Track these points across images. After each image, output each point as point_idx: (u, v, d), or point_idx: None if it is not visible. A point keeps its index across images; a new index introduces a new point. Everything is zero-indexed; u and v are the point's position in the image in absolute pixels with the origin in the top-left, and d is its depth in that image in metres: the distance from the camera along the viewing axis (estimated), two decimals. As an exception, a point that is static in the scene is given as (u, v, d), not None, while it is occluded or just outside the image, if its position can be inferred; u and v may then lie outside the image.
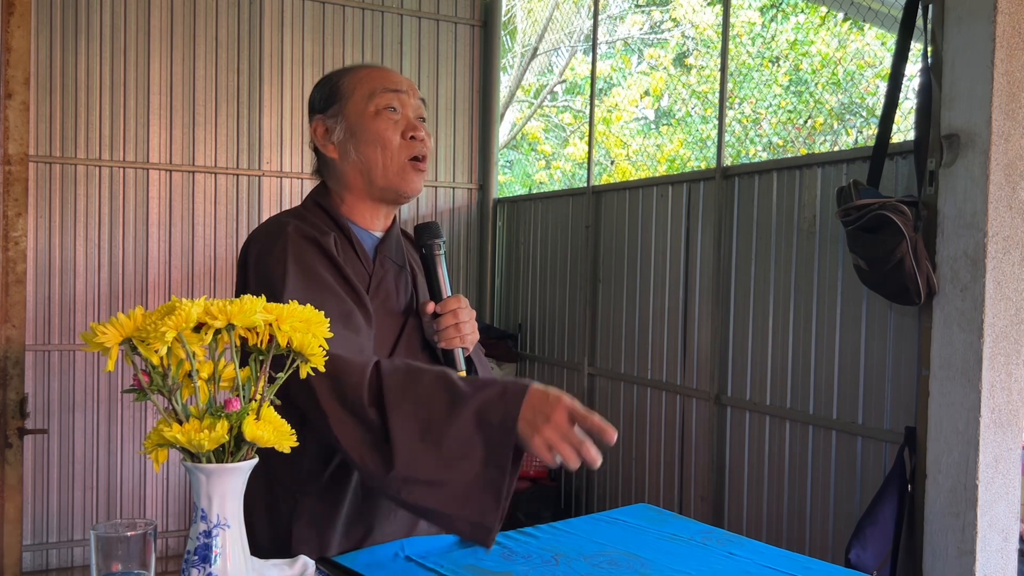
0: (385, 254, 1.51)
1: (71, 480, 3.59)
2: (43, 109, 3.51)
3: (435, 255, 1.49)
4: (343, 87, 1.50)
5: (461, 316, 1.46)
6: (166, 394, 0.95)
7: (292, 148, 4.00)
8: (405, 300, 1.51)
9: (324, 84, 1.55)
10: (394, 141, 1.46)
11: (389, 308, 1.48)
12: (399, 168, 1.47)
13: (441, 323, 1.45)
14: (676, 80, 10.11)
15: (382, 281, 1.48)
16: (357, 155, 1.48)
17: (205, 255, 3.81)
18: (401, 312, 1.50)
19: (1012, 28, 2.27)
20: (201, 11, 3.79)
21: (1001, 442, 2.33)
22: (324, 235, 1.42)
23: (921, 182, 2.44)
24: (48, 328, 3.54)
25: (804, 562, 1.38)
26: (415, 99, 1.51)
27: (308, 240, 1.40)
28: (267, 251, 1.40)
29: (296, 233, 1.40)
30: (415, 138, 1.47)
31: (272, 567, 1.22)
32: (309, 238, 1.40)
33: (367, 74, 1.51)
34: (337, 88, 1.51)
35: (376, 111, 1.47)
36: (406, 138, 1.47)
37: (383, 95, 1.47)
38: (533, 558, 1.34)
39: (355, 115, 1.48)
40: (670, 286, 3.57)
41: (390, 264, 1.51)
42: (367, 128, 1.47)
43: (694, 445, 3.45)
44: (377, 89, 1.48)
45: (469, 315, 1.48)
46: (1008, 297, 2.31)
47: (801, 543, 2.94)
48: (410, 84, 1.52)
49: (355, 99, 1.48)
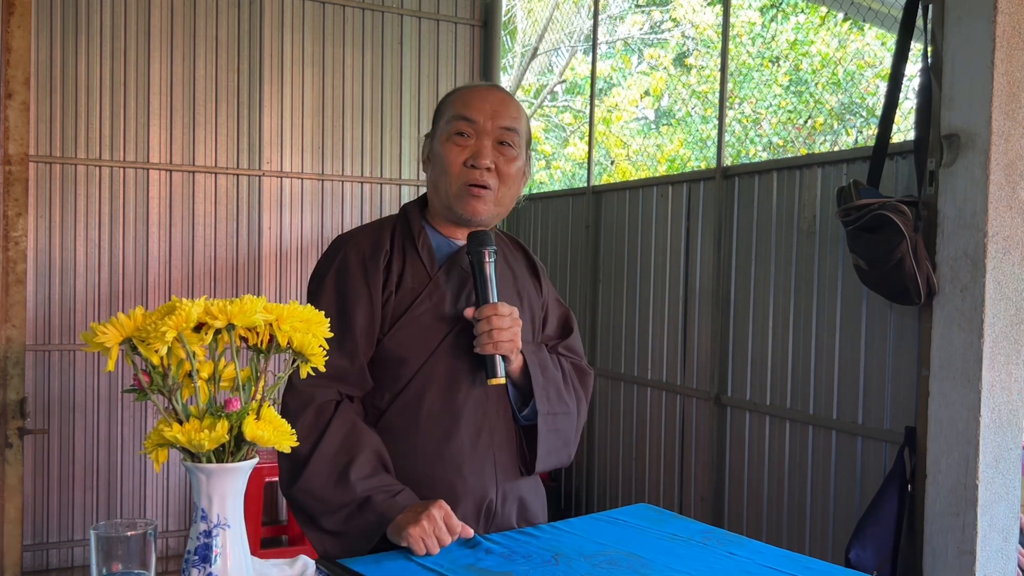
0: (455, 262, 1.60)
1: (71, 480, 3.59)
2: (43, 109, 3.50)
3: (483, 263, 1.54)
4: (441, 109, 1.63)
5: (495, 323, 1.50)
6: (166, 394, 0.95)
7: (292, 148, 4.00)
8: (463, 306, 1.57)
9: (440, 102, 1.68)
10: (455, 166, 1.56)
11: (442, 311, 1.56)
12: (457, 192, 1.56)
13: (477, 329, 1.51)
14: (676, 80, 10.11)
15: (441, 286, 1.57)
16: (432, 175, 1.62)
17: (205, 255, 3.81)
18: (454, 317, 1.57)
19: (1012, 28, 2.27)
20: (201, 11, 3.79)
21: (1001, 442, 2.33)
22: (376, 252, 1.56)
23: (921, 182, 2.44)
24: (48, 328, 3.54)
25: (804, 562, 1.38)
26: (496, 124, 1.56)
27: (359, 261, 1.56)
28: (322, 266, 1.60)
29: (354, 251, 1.57)
30: (475, 166, 1.55)
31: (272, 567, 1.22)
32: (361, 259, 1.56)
33: (457, 98, 1.61)
34: (439, 109, 1.64)
35: (447, 137, 1.57)
36: (467, 165, 1.55)
37: (456, 122, 1.57)
38: (533, 558, 1.34)
39: (437, 138, 1.60)
40: (670, 286, 3.57)
41: (458, 272, 1.60)
42: (439, 152, 1.59)
43: (694, 445, 3.45)
44: (454, 115, 1.57)
45: (509, 323, 1.52)
46: (1008, 297, 2.31)
47: (801, 543, 2.94)
48: (494, 109, 1.57)
49: (441, 123, 1.61)
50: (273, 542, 3.90)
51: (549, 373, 1.63)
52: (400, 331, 1.54)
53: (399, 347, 1.54)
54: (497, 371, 1.50)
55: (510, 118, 1.58)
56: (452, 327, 1.56)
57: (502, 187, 1.59)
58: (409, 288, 1.55)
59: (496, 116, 1.57)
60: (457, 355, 1.55)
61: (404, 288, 1.55)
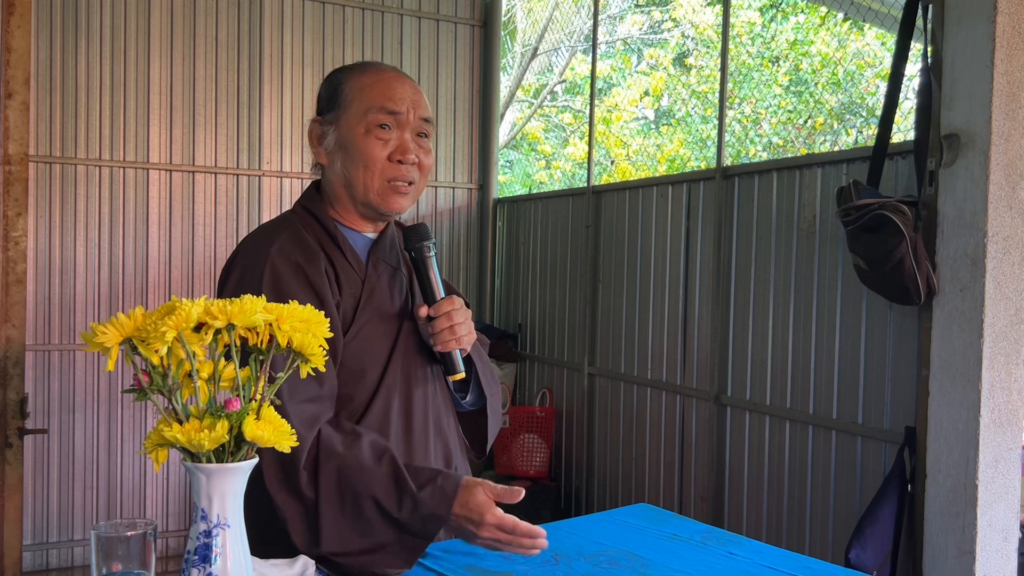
0: (378, 256, 1.50)
1: (71, 480, 3.59)
2: (43, 109, 3.51)
3: (425, 257, 1.46)
4: (344, 94, 1.47)
5: (455, 318, 1.44)
6: (166, 394, 0.95)
7: (292, 148, 4.00)
8: (400, 302, 1.51)
9: (329, 82, 1.52)
10: (379, 161, 1.44)
11: (384, 312, 1.47)
12: (380, 188, 1.45)
13: (435, 326, 1.44)
14: (676, 80, 10.11)
15: (376, 285, 1.48)
16: (342, 168, 1.47)
17: (205, 255, 3.81)
18: (396, 315, 1.49)
19: (1012, 28, 2.27)
20: (201, 11, 3.79)
21: (1001, 442, 2.33)
22: (310, 258, 1.41)
23: (921, 182, 2.44)
24: (48, 328, 3.54)
25: (804, 562, 1.38)
26: (417, 116, 1.47)
27: (291, 265, 1.39)
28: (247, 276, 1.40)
29: (279, 256, 1.39)
30: (402, 161, 1.45)
31: (272, 567, 1.22)
32: (292, 263, 1.39)
33: (369, 86, 1.46)
34: (338, 92, 1.48)
35: (367, 130, 1.44)
36: (393, 160, 1.45)
37: (377, 114, 1.44)
38: (533, 558, 1.34)
39: (347, 128, 1.46)
40: (670, 286, 3.57)
41: (384, 267, 1.50)
42: (355, 145, 1.45)
43: (694, 445, 3.45)
44: (373, 107, 1.44)
45: (464, 316, 1.47)
46: (1008, 297, 2.31)
47: (801, 543, 2.94)
48: (414, 100, 1.47)
49: (351, 112, 1.46)
50: (273, 542, 3.90)
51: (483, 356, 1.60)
52: (353, 342, 1.43)
53: (355, 359, 1.42)
54: (458, 366, 1.46)
55: (427, 108, 1.50)
56: (399, 326, 1.48)
57: (422, 180, 1.50)
58: (349, 294, 1.44)
59: (416, 107, 1.47)
60: (409, 357, 1.48)
61: (345, 296, 1.44)
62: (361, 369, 1.43)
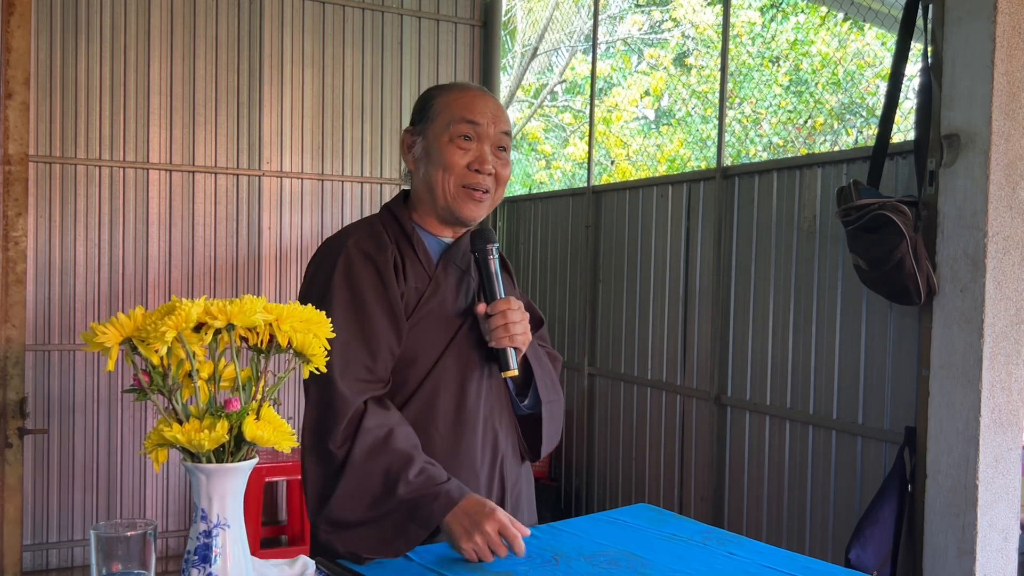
0: (450, 259, 1.61)
1: (71, 480, 3.59)
2: (43, 109, 3.50)
3: (488, 259, 1.57)
4: (433, 107, 1.61)
5: (510, 317, 1.53)
6: (166, 394, 0.95)
7: (292, 148, 4.00)
8: (465, 302, 1.60)
9: (422, 98, 1.66)
10: (457, 167, 1.57)
11: (446, 309, 1.58)
12: (456, 193, 1.57)
13: (491, 323, 1.54)
14: (676, 80, 10.11)
15: (442, 283, 1.59)
16: (425, 173, 1.60)
17: (205, 255, 3.81)
18: (459, 314, 1.59)
19: (1012, 28, 2.27)
20: (201, 11, 3.79)
21: (1001, 442, 2.33)
22: (382, 250, 1.55)
23: (921, 182, 2.44)
24: (48, 328, 3.54)
25: (804, 562, 1.38)
26: (497, 129, 1.60)
27: (362, 255, 1.53)
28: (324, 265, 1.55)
29: (354, 248, 1.54)
30: (479, 171, 1.57)
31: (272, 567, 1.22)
32: (363, 253, 1.54)
33: (455, 99, 1.60)
34: (429, 106, 1.62)
35: (450, 139, 1.57)
36: (471, 169, 1.57)
37: (460, 125, 1.57)
38: (533, 558, 1.34)
39: (433, 137, 1.59)
40: (670, 286, 3.57)
41: (453, 268, 1.61)
42: (438, 152, 1.58)
43: (694, 445, 3.45)
44: (456, 118, 1.57)
45: (520, 316, 1.56)
46: (1008, 297, 2.31)
47: (801, 543, 2.94)
48: (495, 114, 1.60)
49: (438, 123, 1.59)
50: (273, 542, 3.91)
51: (544, 363, 1.70)
52: (411, 331, 1.54)
53: (408, 347, 1.54)
54: (511, 363, 1.54)
55: (507, 123, 1.64)
56: (460, 325, 1.58)
57: (498, 190, 1.63)
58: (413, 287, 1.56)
59: (496, 121, 1.60)
60: (466, 352, 1.58)
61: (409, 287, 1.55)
62: (414, 357, 1.54)
